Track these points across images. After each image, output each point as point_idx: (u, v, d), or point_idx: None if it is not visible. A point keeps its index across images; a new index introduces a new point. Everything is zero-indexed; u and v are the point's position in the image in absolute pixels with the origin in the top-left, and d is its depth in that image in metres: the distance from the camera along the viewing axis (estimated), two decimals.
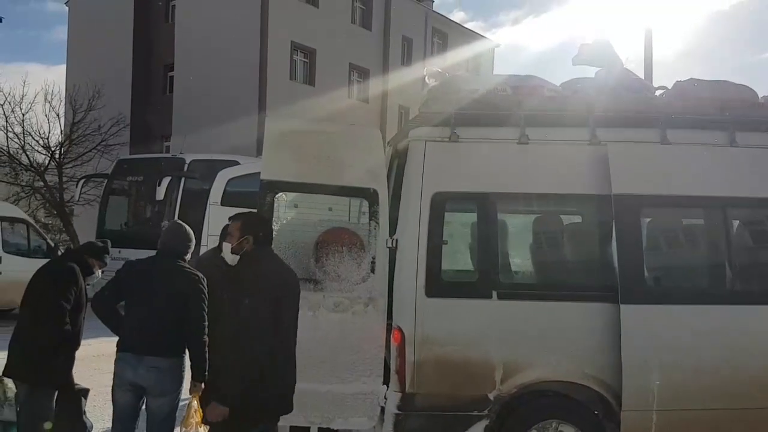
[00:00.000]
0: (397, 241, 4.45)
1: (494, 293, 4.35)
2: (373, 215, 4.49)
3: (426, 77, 5.41)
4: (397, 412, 4.28)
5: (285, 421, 4.60)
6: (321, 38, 25.70)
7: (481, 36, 33.33)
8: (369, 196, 4.50)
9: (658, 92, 5.00)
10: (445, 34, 31.57)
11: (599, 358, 4.31)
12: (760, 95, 4.85)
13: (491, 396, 4.29)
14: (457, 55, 30.04)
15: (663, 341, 4.27)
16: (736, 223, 4.70)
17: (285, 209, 4.58)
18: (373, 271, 4.45)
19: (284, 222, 4.56)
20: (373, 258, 4.46)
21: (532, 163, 4.50)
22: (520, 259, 4.84)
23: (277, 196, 4.49)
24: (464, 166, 4.49)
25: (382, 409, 4.39)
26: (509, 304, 4.36)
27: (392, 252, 4.47)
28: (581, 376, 4.34)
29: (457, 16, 67.79)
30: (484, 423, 4.29)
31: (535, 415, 4.35)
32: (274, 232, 4.23)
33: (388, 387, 4.38)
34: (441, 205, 4.40)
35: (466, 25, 36.15)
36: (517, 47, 64.66)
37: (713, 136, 4.57)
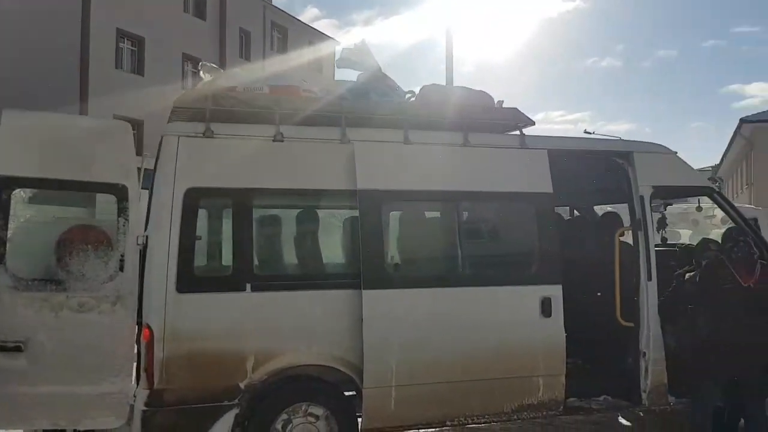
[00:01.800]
0: (147, 237, 4.43)
1: (248, 286, 4.48)
2: (122, 212, 4.42)
3: (201, 72, 5.44)
4: (145, 408, 4.27)
5: (33, 425, 4.44)
6: (150, 26, 24.58)
7: (322, 33, 33.61)
8: (117, 191, 4.43)
9: (407, 96, 5.39)
10: (284, 29, 31.51)
11: (346, 341, 4.59)
12: (590, 97, 5.40)
13: (242, 385, 4.43)
14: (297, 51, 30.07)
15: (401, 322, 4.66)
16: (467, 214, 5.23)
17: (23, 206, 4.38)
18: (121, 269, 4.40)
19: (22, 220, 4.36)
20: (122, 256, 4.40)
21: (286, 160, 4.69)
22: (273, 253, 5.01)
23: (14, 192, 4.28)
24: (219, 162, 4.56)
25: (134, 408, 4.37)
26: (262, 296, 4.51)
27: (144, 249, 4.45)
28: (330, 359, 4.61)
29: (310, 13, 67.78)
30: (234, 412, 4.41)
31: (285, 400, 4.56)
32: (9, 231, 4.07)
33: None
34: (194, 200, 4.44)
35: (317, 23, 36.38)
36: (372, 46, 65.84)
37: (449, 137, 5.05)
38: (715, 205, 5.94)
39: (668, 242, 6.73)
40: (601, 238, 5.94)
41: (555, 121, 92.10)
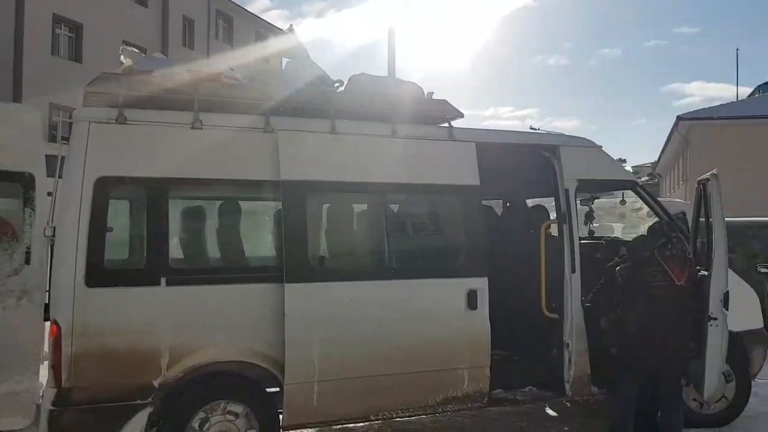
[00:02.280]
0: (55, 228, 4.21)
1: (163, 280, 4.31)
2: (29, 201, 4.21)
3: (121, 56, 5.21)
4: (52, 408, 4.05)
5: None
6: (89, 12, 23.77)
7: (269, 23, 33.08)
8: (24, 180, 4.19)
9: (336, 85, 5.28)
10: (230, 18, 30.88)
11: (268, 336, 4.47)
12: (539, 93, 5.34)
13: (156, 383, 4.25)
14: (243, 41, 29.55)
15: (325, 316, 4.56)
16: (394, 206, 5.17)
17: None
18: (27, 262, 4.17)
19: None
20: (28, 248, 4.18)
21: (205, 149, 4.52)
22: (191, 245, 4.81)
23: None
24: (132, 150, 4.37)
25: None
26: (179, 290, 4.34)
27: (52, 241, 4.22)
28: (250, 355, 4.48)
29: (260, 3, 66.68)
30: (147, 411, 4.24)
31: (202, 398, 4.40)
32: None
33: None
34: (106, 189, 4.23)
35: (267, 14, 35.83)
36: (323, 41, 65.63)
37: (377, 128, 4.97)
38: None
39: (595, 235, 6.85)
40: (529, 231, 5.98)
41: (504, 117, 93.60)
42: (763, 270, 10.57)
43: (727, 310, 4.88)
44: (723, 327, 4.88)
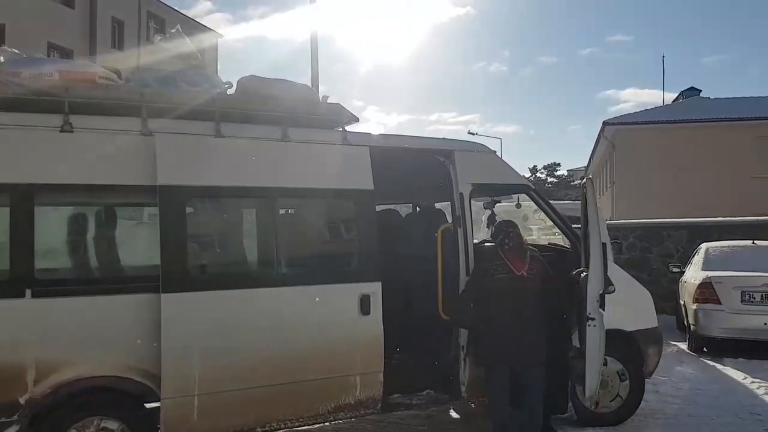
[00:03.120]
0: None
1: (28, 292, 4.07)
2: None
3: (0, 57, 4.93)
4: None
5: None
6: (11, 12, 22.79)
7: (203, 25, 32.45)
8: None
9: (226, 87, 5.12)
10: (162, 20, 30.12)
11: (145, 349, 4.27)
12: (480, 99, 5.22)
13: (23, 400, 4.02)
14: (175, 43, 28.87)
15: (206, 327, 4.39)
16: (283, 211, 5.05)
17: None
18: None
19: None
20: None
21: (76, 153, 4.29)
22: (61, 255, 4.57)
23: None
24: None
25: None
26: (46, 302, 4.11)
27: None
28: (125, 369, 4.27)
29: (203, 6, 65.37)
30: (14, 429, 4.00)
31: (73, 415, 4.17)
32: None
33: None
34: None
35: (209, 17, 35.12)
36: (267, 42, 64.97)
37: (267, 131, 4.84)
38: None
39: None
40: (432, 235, 5.97)
41: (447, 122, 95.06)
42: (675, 269, 10.94)
43: (604, 310, 4.95)
44: (600, 327, 4.94)
